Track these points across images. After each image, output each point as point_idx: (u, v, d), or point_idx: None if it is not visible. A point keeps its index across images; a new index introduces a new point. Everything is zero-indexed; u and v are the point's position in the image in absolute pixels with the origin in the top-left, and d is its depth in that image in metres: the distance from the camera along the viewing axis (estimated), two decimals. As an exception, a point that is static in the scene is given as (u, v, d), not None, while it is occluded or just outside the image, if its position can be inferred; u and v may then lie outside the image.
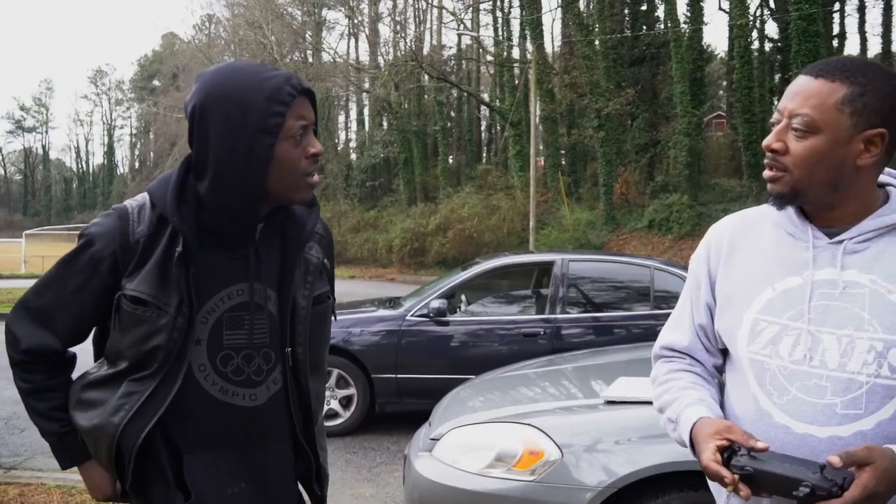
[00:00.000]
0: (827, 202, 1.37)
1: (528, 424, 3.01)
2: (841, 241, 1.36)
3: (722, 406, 1.51)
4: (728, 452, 1.28)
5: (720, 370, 1.58)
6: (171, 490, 1.52)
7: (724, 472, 1.27)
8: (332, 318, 1.77)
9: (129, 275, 1.50)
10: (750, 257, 1.48)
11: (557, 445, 2.87)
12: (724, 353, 1.56)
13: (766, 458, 1.25)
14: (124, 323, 1.51)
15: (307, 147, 1.50)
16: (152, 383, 1.49)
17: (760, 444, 1.27)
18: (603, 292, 6.57)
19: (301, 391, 1.63)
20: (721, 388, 1.56)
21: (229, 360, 1.54)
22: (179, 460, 1.54)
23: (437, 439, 3.29)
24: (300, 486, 1.73)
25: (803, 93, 1.34)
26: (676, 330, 1.62)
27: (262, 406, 1.57)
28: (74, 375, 1.65)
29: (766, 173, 1.39)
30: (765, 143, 1.39)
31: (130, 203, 1.56)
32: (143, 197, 1.56)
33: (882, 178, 1.41)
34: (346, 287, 21.54)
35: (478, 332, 6.23)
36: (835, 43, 26.63)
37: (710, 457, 1.30)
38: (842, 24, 28.57)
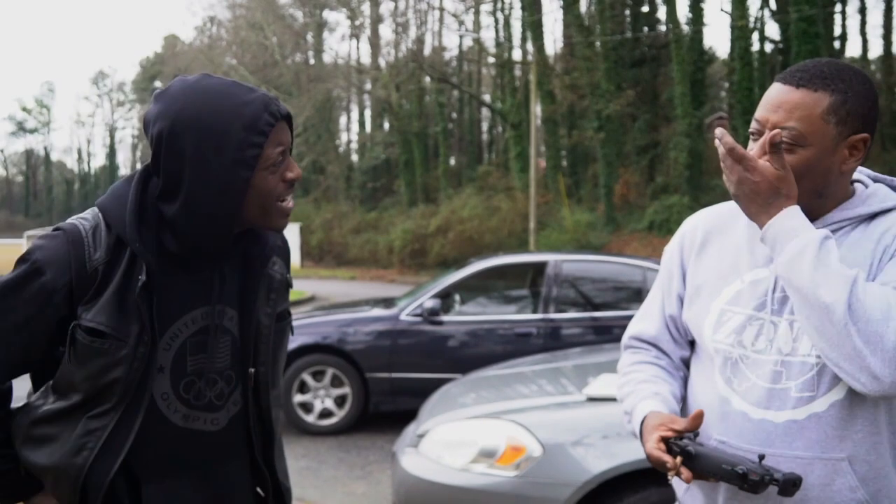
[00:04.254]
0: (809, 208, 1.36)
1: (511, 421, 3.04)
2: None
3: (684, 397, 1.53)
4: (672, 440, 1.32)
5: (686, 363, 1.60)
6: None
7: (666, 456, 1.30)
8: (290, 333, 1.68)
9: (85, 304, 1.36)
10: (722, 250, 1.50)
11: (539, 441, 2.90)
12: (692, 345, 1.58)
13: (708, 447, 1.31)
14: (80, 356, 1.37)
15: (284, 172, 1.41)
16: (114, 417, 1.38)
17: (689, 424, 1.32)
18: (596, 292, 6.60)
19: (262, 411, 1.57)
20: (685, 382, 1.57)
21: (192, 386, 1.46)
22: (137, 490, 1.45)
23: (423, 435, 3.32)
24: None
25: (786, 104, 1.31)
26: (645, 320, 1.64)
27: (222, 430, 1.51)
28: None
29: None
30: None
31: (82, 223, 1.40)
32: (94, 215, 1.42)
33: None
34: (347, 288, 21.54)
35: (471, 332, 6.26)
36: (836, 44, 26.60)
37: (653, 445, 1.34)
38: (843, 26, 28.58)
